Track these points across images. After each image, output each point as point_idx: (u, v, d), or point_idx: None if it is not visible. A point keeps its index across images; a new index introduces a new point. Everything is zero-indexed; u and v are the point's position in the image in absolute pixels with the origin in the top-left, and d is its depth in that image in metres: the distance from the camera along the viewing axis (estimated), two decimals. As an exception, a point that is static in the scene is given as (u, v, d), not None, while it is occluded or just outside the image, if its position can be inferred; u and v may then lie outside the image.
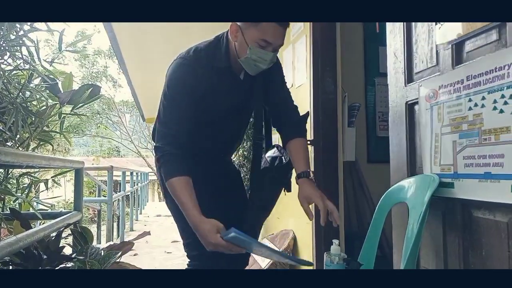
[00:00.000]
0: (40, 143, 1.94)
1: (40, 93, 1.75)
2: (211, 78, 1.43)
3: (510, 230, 1.03)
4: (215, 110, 1.49)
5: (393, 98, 1.56)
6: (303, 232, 2.70)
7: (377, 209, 1.45)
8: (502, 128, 1.04)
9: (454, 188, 1.21)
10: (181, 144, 1.39)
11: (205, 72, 1.42)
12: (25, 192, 1.83)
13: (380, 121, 3.39)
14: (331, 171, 2.48)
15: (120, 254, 1.71)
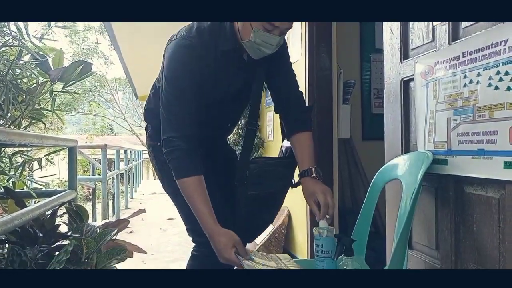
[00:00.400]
0: (32, 121, 1.92)
1: (30, 70, 1.72)
2: (215, 61, 1.35)
3: (501, 206, 1.05)
4: (218, 94, 1.42)
5: (388, 75, 1.55)
6: (298, 209, 2.73)
7: (371, 186, 1.46)
8: (497, 105, 1.04)
9: (448, 164, 1.22)
10: (192, 137, 1.32)
11: (210, 54, 1.33)
12: (19, 171, 1.82)
13: (375, 98, 3.39)
14: (325, 148, 2.49)
15: (116, 232, 1.72)
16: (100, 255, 1.63)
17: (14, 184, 1.90)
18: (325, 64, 2.49)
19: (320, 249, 1.28)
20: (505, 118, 1.02)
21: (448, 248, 1.24)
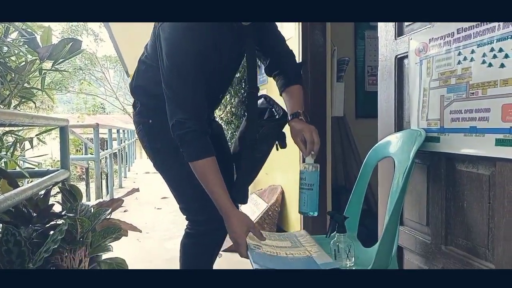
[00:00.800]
0: (22, 101, 1.89)
1: (18, 48, 1.68)
2: (216, 31, 1.33)
3: (492, 183, 1.06)
4: (216, 66, 1.39)
5: (382, 52, 1.54)
6: (291, 187, 2.76)
7: (364, 164, 1.47)
8: (490, 82, 1.04)
9: (440, 142, 1.23)
10: (203, 117, 1.30)
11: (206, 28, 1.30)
12: (10, 150, 1.80)
13: (369, 76, 3.38)
14: (319, 126, 2.47)
15: (110, 211, 1.73)
16: (95, 234, 1.64)
17: (6, 164, 1.89)
18: (319, 41, 2.47)
19: (304, 182, 1.38)
20: (498, 96, 1.02)
21: (439, 224, 1.26)
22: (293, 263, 1.21)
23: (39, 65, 1.74)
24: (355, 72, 3.36)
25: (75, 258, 1.54)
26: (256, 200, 3.15)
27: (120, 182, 6.56)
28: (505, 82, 1.00)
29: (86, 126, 5.93)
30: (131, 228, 1.89)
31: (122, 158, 7.30)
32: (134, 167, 9.88)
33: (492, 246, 1.06)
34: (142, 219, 3.84)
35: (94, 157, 4.27)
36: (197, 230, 1.49)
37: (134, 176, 8.19)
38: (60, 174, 1.85)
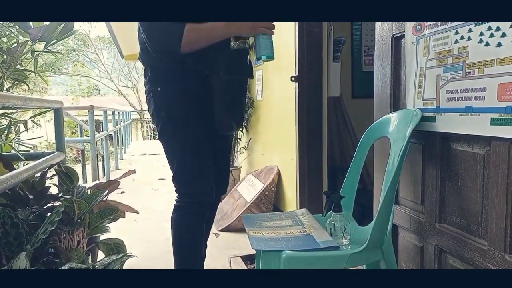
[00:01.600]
0: (14, 83, 1.87)
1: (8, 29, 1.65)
2: None
3: (486, 162, 1.07)
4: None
5: (379, 31, 1.52)
6: (287, 167, 2.77)
7: (360, 144, 1.48)
8: (487, 61, 1.04)
9: (436, 122, 1.23)
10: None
11: None
12: (4, 133, 1.79)
13: (365, 56, 3.35)
14: (315, 106, 2.49)
15: (107, 193, 1.73)
16: (92, 215, 1.65)
17: (1, 147, 1.88)
18: (315, 20, 2.44)
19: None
20: (494, 75, 1.02)
21: (433, 203, 1.27)
22: (293, 241, 1.23)
23: (31, 47, 1.71)
24: (352, 52, 3.33)
25: (73, 239, 1.55)
26: (253, 181, 3.17)
27: (117, 164, 6.56)
28: (502, 61, 1.00)
29: (81, 108, 5.88)
30: (128, 209, 1.90)
31: (118, 140, 7.28)
32: (130, 149, 9.86)
33: (486, 223, 1.08)
34: (139, 201, 3.86)
35: (89, 139, 4.26)
36: (185, 202, 1.53)
37: (131, 158, 8.18)
38: (56, 157, 1.85)
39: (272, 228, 1.36)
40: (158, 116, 1.51)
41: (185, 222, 1.54)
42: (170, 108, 1.48)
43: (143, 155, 8.40)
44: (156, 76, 1.50)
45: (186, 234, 1.53)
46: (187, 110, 1.49)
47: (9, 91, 1.84)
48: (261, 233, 1.31)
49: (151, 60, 1.49)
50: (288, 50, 2.57)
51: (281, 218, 1.46)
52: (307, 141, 2.50)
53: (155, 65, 1.49)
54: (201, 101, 1.51)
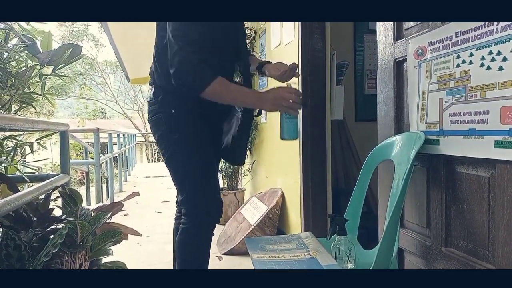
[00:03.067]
0: (22, 106, 1.90)
1: (18, 53, 1.69)
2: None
3: (491, 184, 1.06)
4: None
5: (381, 56, 1.55)
6: (291, 190, 2.76)
7: (364, 166, 1.47)
8: (489, 85, 1.05)
9: (439, 144, 1.23)
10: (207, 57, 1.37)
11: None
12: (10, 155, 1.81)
13: (368, 79, 3.38)
14: (319, 129, 2.50)
15: (110, 215, 1.73)
16: (95, 238, 1.64)
17: (7, 169, 1.89)
18: (318, 45, 2.47)
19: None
20: (496, 98, 1.03)
21: (439, 226, 1.26)
22: (297, 265, 1.22)
23: (39, 71, 1.75)
24: (355, 75, 3.36)
25: (75, 262, 1.53)
26: (257, 204, 3.15)
27: (121, 186, 6.55)
28: (504, 84, 1.01)
29: (86, 131, 5.93)
30: (132, 232, 1.88)
31: (123, 162, 7.29)
32: (134, 171, 9.87)
33: (493, 247, 1.06)
34: (143, 223, 3.84)
35: (94, 161, 4.27)
36: (193, 223, 1.51)
37: (135, 180, 8.18)
38: (60, 179, 1.86)
39: (276, 252, 1.34)
40: (170, 138, 1.50)
41: (194, 243, 1.52)
42: (184, 130, 1.48)
43: (147, 177, 8.40)
44: (171, 98, 1.49)
45: (196, 255, 1.53)
46: (201, 133, 1.51)
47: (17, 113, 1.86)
48: (265, 257, 1.30)
49: (168, 85, 1.47)
50: (291, 74, 2.60)
51: (285, 242, 1.45)
52: (311, 163, 2.50)
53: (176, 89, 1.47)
54: (214, 127, 1.57)
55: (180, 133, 1.48)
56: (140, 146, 15.69)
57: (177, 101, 1.49)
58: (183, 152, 1.50)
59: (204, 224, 1.52)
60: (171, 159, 1.52)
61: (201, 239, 1.53)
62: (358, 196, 1.49)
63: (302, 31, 2.45)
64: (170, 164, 1.53)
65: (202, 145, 1.51)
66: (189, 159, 1.50)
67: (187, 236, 1.52)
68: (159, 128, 1.52)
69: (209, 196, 1.51)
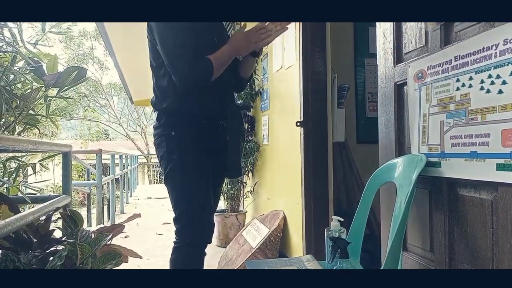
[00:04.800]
0: (26, 127, 1.91)
1: (24, 76, 1.71)
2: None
3: (494, 208, 1.06)
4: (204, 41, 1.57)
5: (382, 79, 1.56)
6: (293, 212, 2.74)
7: (366, 189, 1.47)
8: (489, 108, 1.06)
9: (441, 167, 1.23)
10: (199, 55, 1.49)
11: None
12: (12, 176, 1.81)
13: (369, 102, 3.41)
14: (320, 151, 2.50)
15: (111, 237, 1.71)
16: (95, 260, 1.62)
17: (8, 190, 1.89)
18: (319, 68, 2.51)
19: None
20: (497, 121, 1.03)
21: (442, 250, 1.24)
22: None
23: (45, 92, 1.77)
24: (356, 98, 3.39)
25: (75, 285, 1.51)
26: (258, 226, 3.12)
27: (122, 208, 6.52)
28: (504, 107, 1.01)
29: (89, 152, 5.95)
30: (132, 254, 1.87)
31: (124, 184, 7.28)
32: (136, 192, 9.84)
33: (497, 272, 1.04)
34: (143, 245, 3.80)
35: (96, 183, 4.27)
36: (186, 243, 1.56)
37: (136, 201, 8.14)
38: (62, 200, 1.85)
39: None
40: (169, 158, 1.57)
41: (184, 262, 1.56)
42: (182, 151, 1.56)
43: (149, 199, 8.36)
44: (171, 121, 1.59)
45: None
46: (199, 154, 1.58)
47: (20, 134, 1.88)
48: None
49: (169, 106, 1.59)
50: (293, 96, 2.62)
51: (286, 265, 1.43)
52: (313, 185, 2.49)
53: (171, 110, 1.59)
54: (212, 147, 1.62)
55: (178, 154, 1.56)
56: (142, 168, 15.69)
57: (177, 123, 1.58)
58: (180, 172, 1.56)
59: (195, 244, 1.56)
60: (168, 178, 1.59)
61: (192, 258, 1.57)
62: (360, 219, 1.47)
63: (304, 55, 2.49)
64: (167, 182, 1.61)
65: (199, 166, 1.57)
66: (184, 178, 1.56)
67: (178, 255, 1.57)
68: (161, 150, 1.60)
69: (201, 217, 1.56)
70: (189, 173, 1.56)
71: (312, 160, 2.48)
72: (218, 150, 1.67)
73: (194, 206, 1.55)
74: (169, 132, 1.58)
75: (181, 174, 1.56)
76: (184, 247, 1.56)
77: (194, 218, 1.55)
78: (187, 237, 1.56)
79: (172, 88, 1.56)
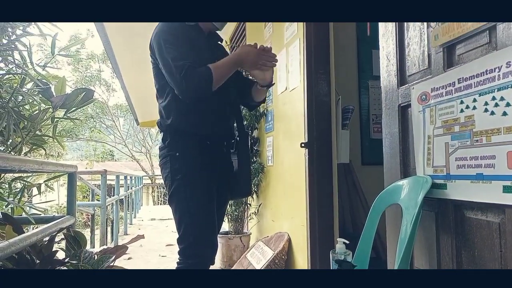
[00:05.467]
0: (32, 148, 1.93)
1: (32, 97, 1.74)
2: (188, 31, 1.61)
3: (502, 230, 1.04)
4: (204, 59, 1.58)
5: (386, 101, 1.57)
6: (298, 234, 2.71)
7: (371, 211, 1.46)
8: (493, 130, 1.06)
9: (447, 189, 1.22)
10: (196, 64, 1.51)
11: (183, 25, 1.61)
12: (17, 196, 1.81)
13: (374, 124, 3.41)
14: (325, 173, 2.49)
15: (114, 258, 1.70)
16: (97, 282, 1.60)
17: (13, 210, 1.89)
18: (323, 90, 2.52)
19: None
20: (502, 143, 1.03)
21: (450, 274, 1.22)
22: None
23: (52, 114, 1.79)
24: (360, 120, 3.40)
25: (76, 308, 1.49)
26: (262, 248, 3.09)
27: (126, 229, 6.48)
28: (509, 129, 1.01)
29: (94, 173, 5.96)
30: (135, 277, 1.84)
31: (129, 205, 7.26)
32: (140, 213, 9.79)
33: (507, 298, 1.02)
34: (146, 267, 3.75)
35: (100, 204, 4.26)
36: (189, 264, 1.55)
37: (140, 223, 8.09)
38: (66, 220, 1.85)
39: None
40: (173, 178, 1.58)
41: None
42: (186, 172, 1.57)
43: (153, 220, 8.31)
44: (176, 141, 1.61)
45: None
46: (203, 175, 1.58)
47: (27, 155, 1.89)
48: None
49: (173, 123, 1.61)
50: (297, 117, 2.64)
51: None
52: (318, 207, 2.47)
53: (175, 127, 1.61)
54: (216, 167, 1.63)
55: (183, 174, 1.57)
56: (146, 188, 15.66)
57: (181, 144, 1.60)
58: (184, 192, 1.57)
59: (197, 265, 1.55)
60: (172, 198, 1.60)
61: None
62: (366, 241, 1.46)
63: (308, 77, 2.51)
64: (171, 202, 1.61)
65: (203, 186, 1.58)
66: (188, 198, 1.56)
67: None
68: (166, 170, 1.62)
69: (204, 238, 1.55)
70: (193, 193, 1.56)
71: (317, 181, 2.47)
72: (223, 170, 1.68)
73: (197, 226, 1.55)
74: (173, 153, 1.60)
75: (185, 194, 1.56)
76: (185, 268, 1.55)
77: (198, 239, 1.54)
78: (190, 258, 1.55)
79: (176, 105, 1.59)
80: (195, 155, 1.59)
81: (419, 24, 1.39)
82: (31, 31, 1.51)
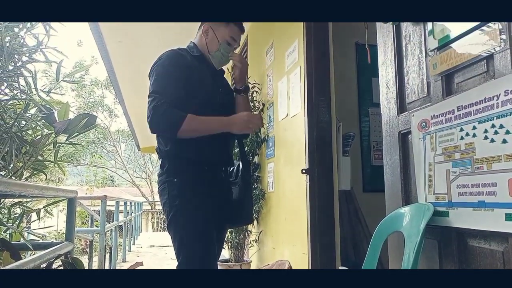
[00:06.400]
0: (33, 172, 1.93)
1: (35, 122, 1.75)
2: (191, 62, 1.65)
3: (506, 259, 1.03)
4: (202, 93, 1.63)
5: (386, 128, 1.58)
6: (299, 262, 2.66)
7: (373, 238, 1.44)
8: (494, 157, 1.06)
9: (449, 216, 1.21)
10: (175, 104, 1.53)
11: (186, 56, 1.66)
12: (16, 222, 1.80)
13: (374, 150, 3.42)
14: (326, 199, 2.47)
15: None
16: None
17: (11, 236, 1.88)
18: (324, 117, 2.54)
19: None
20: (503, 170, 1.03)
21: (455, 305, 1.19)
22: None
23: (54, 139, 1.80)
24: (361, 146, 3.41)
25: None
26: (263, 277, 3.03)
27: (124, 256, 6.38)
28: (509, 157, 1.02)
29: (94, 198, 5.92)
30: (132, 306, 1.80)
31: (128, 231, 7.18)
32: (139, 240, 9.66)
33: (514, 330, 0.99)
34: (144, 297, 3.67)
35: (99, 230, 4.21)
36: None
37: (139, 249, 7.97)
38: (64, 247, 1.83)
39: None
40: (171, 204, 1.57)
41: None
42: (184, 198, 1.56)
43: (152, 247, 8.19)
44: (174, 167, 1.61)
45: None
46: (201, 201, 1.57)
47: (27, 180, 1.89)
48: None
49: (171, 149, 1.61)
50: (298, 144, 2.64)
51: None
52: (319, 235, 2.44)
53: (173, 153, 1.61)
54: (214, 193, 1.62)
55: (180, 200, 1.56)
56: (146, 215, 15.52)
57: (179, 170, 1.60)
58: (182, 218, 1.55)
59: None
60: (170, 224, 1.58)
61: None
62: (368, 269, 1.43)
63: (309, 104, 2.54)
64: (169, 229, 1.59)
65: (201, 212, 1.56)
66: (186, 224, 1.55)
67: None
68: (164, 196, 1.61)
69: (203, 266, 1.53)
70: (191, 219, 1.55)
71: (318, 207, 2.45)
72: (221, 196, 1.67)
73: (196, 252, 1.53)
74: (171, 179, 1.59)
75: (183, 220, 1.55)
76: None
77: (197, 265, 1.52)
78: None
79: None
80: (193, 181, 1.59)
81: (418, 53, 1.42)
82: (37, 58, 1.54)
